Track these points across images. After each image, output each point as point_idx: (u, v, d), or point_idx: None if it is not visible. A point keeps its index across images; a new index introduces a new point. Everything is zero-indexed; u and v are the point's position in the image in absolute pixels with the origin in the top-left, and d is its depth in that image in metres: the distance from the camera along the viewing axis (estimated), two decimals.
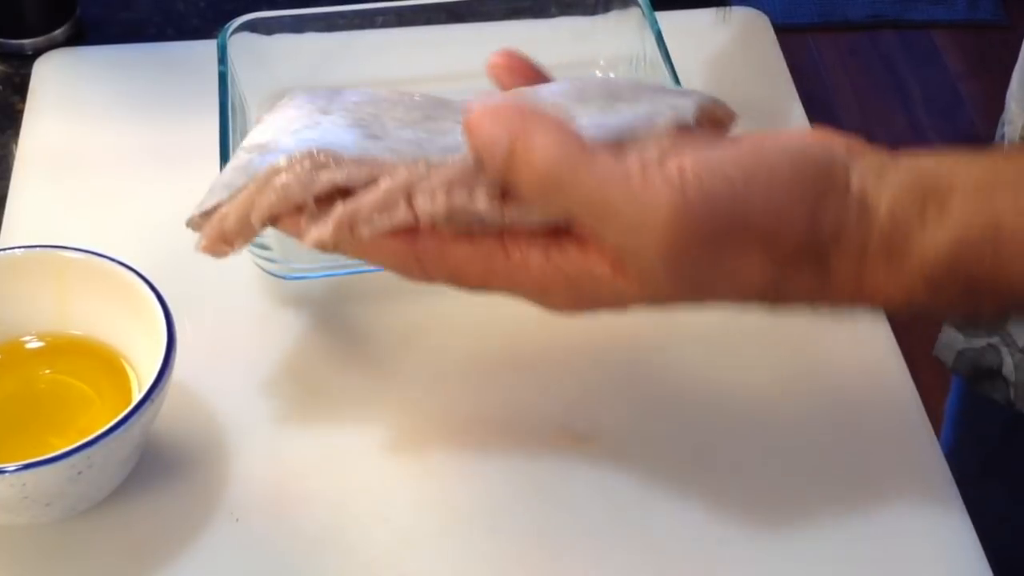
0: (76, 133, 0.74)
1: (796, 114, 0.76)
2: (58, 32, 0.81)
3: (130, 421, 0.51)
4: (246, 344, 0.63)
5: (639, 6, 0.72)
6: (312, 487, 0.57)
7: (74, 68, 0.78)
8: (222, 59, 0.69)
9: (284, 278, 0.65)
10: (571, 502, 0.57)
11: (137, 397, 0.52)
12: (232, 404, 0.60)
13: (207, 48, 0.73)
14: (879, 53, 2.21)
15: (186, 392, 0.57)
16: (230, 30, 0.70)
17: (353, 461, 0.58)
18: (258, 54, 0.71)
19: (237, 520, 0.56)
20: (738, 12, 0.82)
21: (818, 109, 1.89)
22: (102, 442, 0.50)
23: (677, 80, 0.68)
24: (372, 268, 0.66)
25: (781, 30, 0.83)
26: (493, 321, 0.64)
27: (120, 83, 0.77)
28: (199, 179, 0.69)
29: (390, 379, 0.62)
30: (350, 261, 0.65)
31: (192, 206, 0.69)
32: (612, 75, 0.74)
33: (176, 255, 0.66)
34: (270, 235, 0.63)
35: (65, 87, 0.77)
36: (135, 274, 0.57)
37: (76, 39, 0.81)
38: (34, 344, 0.59)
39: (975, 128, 2.07)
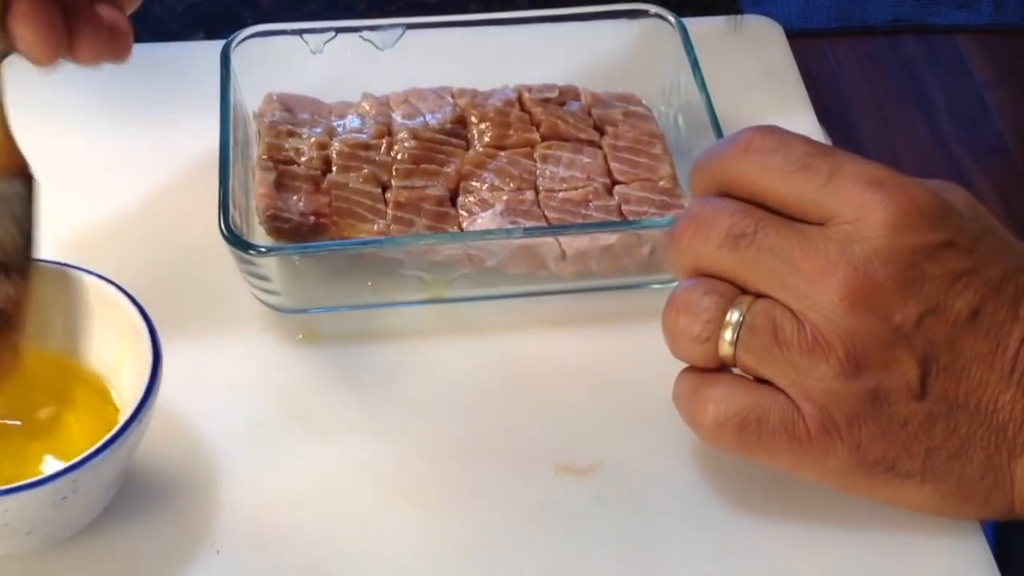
0: (44, 139, 0.74)
1: (809, 126, 0.77)
2: None
3: (117, 442, 0.52)
4: (229, 367, 0.64)
5: (668, 22, 0.74)
6: (299, 519, 0.58)
7: (40, 71, 0.79)
8: (225, 66, 0.70)
9: (284, 311, 0.66)
10: (572, 537, 0.57)
11: (119, 420, 0.53)
12: (214, 430, 0.61)
13: (183, 52, 0.74)
14: (900, 60, 2.23)
15: (166, 416, 0.58)
16: (236, 40, 0.71)
17: (343, 492, 0.59)
18: (258, 62, 0.72)
19: (218, 552, 0.56)
20: (750, 21, 0.84)
21: (836, 119, 1.91)
22: (88, 464, 0.51)
23: (707, 94, 0.69)
24: (377, 305, 0.66)
25: (796, 35, 0.85)
26: (490, 348, 0.65)
27: (92, 87, 0.77)
28: (178, 189, 0.70)
29: (382, 407, 0.63)
30: (352, 298, 0.66)
31: (169, 216, 0.70)
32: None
33: (153, 270, 0.67)
34: (270, 266, 0.63)
35: (32, 91, 0.78)
36: (114, 286, 0.57)
37: None
38: None
39: (1002, 139, 2.08)
